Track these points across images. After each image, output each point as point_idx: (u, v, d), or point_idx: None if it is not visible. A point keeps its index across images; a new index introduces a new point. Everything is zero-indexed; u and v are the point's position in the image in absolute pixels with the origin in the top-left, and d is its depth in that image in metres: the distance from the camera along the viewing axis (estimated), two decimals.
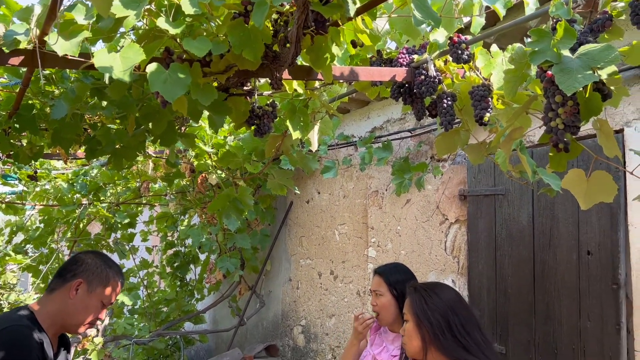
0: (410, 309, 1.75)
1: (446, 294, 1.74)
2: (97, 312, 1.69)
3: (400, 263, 2.47)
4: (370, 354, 2.41)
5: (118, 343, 4.54)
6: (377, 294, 2.30)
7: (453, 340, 1.65)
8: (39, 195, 4.31)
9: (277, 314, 5.00)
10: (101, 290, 1.69)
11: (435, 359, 1.71)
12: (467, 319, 1.69)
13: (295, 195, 4.85)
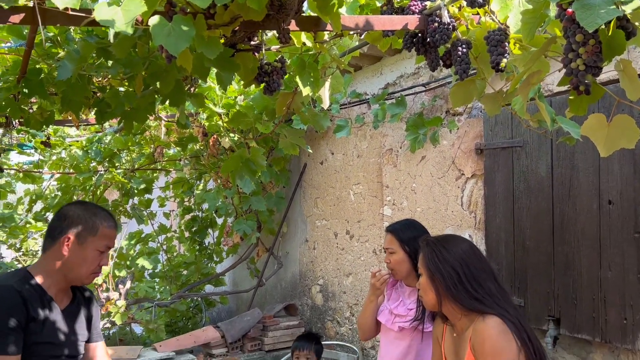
0: (423, 263, 1.75)
1: (459, 246, 1.72)
2: (95, 261, 1.67)
3: (412, 219, 2.45)
4: (387, 308, 2.43)
5: (141, 306, 4.64)
6: (390, 252, 2.30)
7: (465, 292, 1.64)
8: (55, 164, 4.35)
9: (295, 274, 5.05)
10: (92, 240, 1.65)
11: (450, 310, 1.71)
12: (480, 270, 1.68)
13: (309, 157, 4.82)
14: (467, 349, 1.65)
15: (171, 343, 4.18)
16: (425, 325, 2.25)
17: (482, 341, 1.58)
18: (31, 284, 1.61)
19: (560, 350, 2.51)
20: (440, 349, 1.85)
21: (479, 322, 1.61)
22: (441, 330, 1.86)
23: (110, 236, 1.72)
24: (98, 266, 1.69)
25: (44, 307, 1.61)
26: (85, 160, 4.21)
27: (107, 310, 4.17)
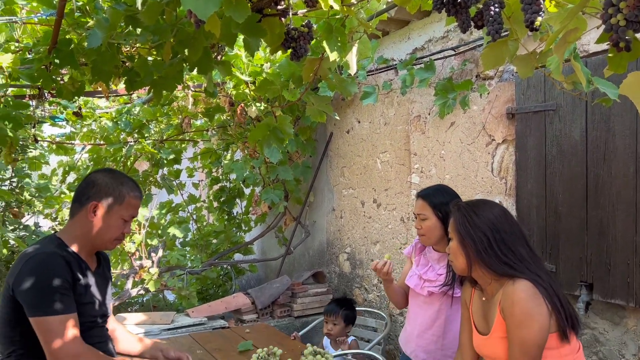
0: (454, 228, 1.74)
1: (490, 210, 1.70)
2: (119, 228, 1.74)
3: (443, 184, 2.42)
4: (416, 274, 2.43)
5: (173, 273, 4.76)
6: (421, 218, 2.28)
7: (496, 256, 1.63)
8: (86, 136, 4.43)
9: (322, 242, 5.10)
10: (118, 208, 1.72)
11: (480, 275, 1.71)
12: (511, 235, 1.66)
13: (335, 126, 4.80)
14: (497, 313, 1.65)
15: (203, 309, 4.29)
16: (454, 291, 2.25)
17: (511, 305, 1.57)
18: (67, 250, 1.69)
19: (593, 315, 2.48)
20: (468, 312, 1.86)
21: (509, 286, 1.60)
22: (469, 294, 1.86)
23: (136, 206, 1.78)
24: (122, 234, 1.76)
25: (81, 271, 1.69)
26: (115, 131, 4.28)
27: (140, 277, 4.29)
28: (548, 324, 1.57)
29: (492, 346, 1.70)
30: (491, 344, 1.70)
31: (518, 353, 1.57)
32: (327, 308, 3.28)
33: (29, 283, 1.54)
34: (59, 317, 1.54)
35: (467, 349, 1.87)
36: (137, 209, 1.80)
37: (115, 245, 1.79)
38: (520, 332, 1.56)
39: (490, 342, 1.70)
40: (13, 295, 1.56)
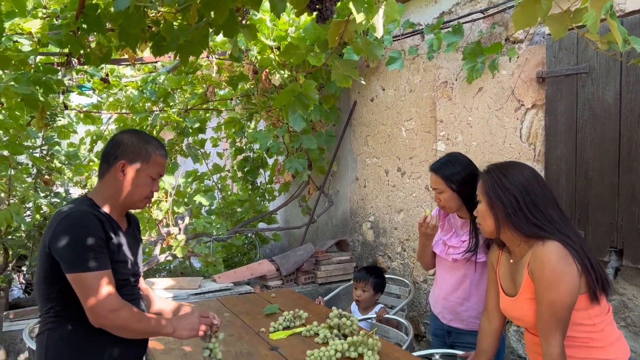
0: (483, 190, 1.72)
1: (519, 172, 1.67)
2: (148, 186, 1.75)
3: (455, 153, 2.40)
4: (441, 240, 2.45)
5: (199, 240, 4.85)
6: (438, 191, 2.30)
7: (525, 218, 1.61)
8: (113, 105, 4.48)
9: (346, 211, 5.11)
10: (145, 167, 1.73)
11: (508, 237, 1.70)
12: (542, 197, 1.64)
13: (359, 94, 4.75)
14: (525, 275, 1.64)
15: (229, 275, 4.38)
16: (478, 256, 2.26)
17: (541, 266, 1.56)
18: (99, 210, 1.71)
19: (622, 281, 2.46)
20: (495, 275, 1.85)
21: (538, 247, 1.59)
22: (497, 256, 1.85)
23: (162, 164, 1.79)
24: (150, 192, 1.77)
25: (113, 230, 1.71)
26: (140, 100, 4.32)
27: (168, 244, 4.38)
28: (578, 285, 1.56)
29: (519, 308, 1.70)
30: (519, 305, 1.69)
31: (547, 314, 1.57)
32: (357, 274, 3.31)
33: (64, 241, 1.57)
34: (94, 273, 1.57)
35: (493, 311, 1.87)
36: (163, 167, 1.80)
37: (145, 204, 1.80)
38: (549, 293, 1.55)
39: (517, 303, 1.70)
40: (49, 252, 1.60)
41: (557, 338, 1.56)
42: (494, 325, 1.88)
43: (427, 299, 3.96)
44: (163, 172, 1.81)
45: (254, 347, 2.40)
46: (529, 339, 1.78)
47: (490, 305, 1.88)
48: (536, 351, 1.71)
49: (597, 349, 1.64)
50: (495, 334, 1.88)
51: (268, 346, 2.42)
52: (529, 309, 1.66)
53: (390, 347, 2.38)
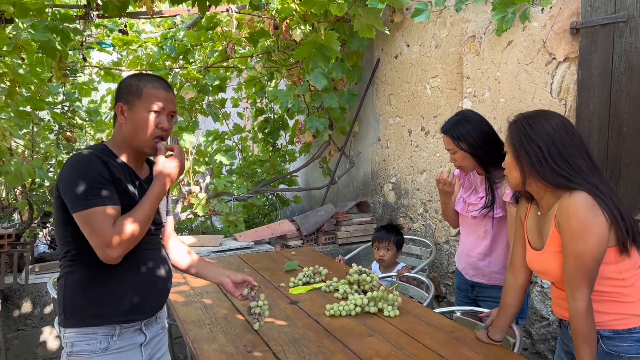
0: (509, 142, 1.66)
1: (547, 122, 1.59)
2: (149, 123, 1.64)
3: (465, 111, 2.35)
4: (461, 198, 2.46)
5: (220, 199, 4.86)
6: (451, 152, 2.29)
7: (550, 169, 1.55)
8: (133, 62, 4.44)
9: (367, 173, 5.05)
10: (139, 103, 1.64)
11: (534, 188, 1.64)
12: (570, 146, 1.56)
13: (383, 52, 4.62)
14: (552, 227, 1.58)
15: (250, 234, 4.39)
16: (495, 212, 2.25)
17: (567, 217, 1.50)
18: (112, 157, 1.67)
19: None
20: (522, 229, 1.79)
21: (565, 198, 1.53)
22: (525, 210, 1.79)
23: (157, 96, 1.66)
24: (157, 128, 1.67)
25: (126, 176, 1.66)
26: (160, 57, 4.27)
27: (189, 202, 4.40)
28: (606, 236, 1.49)
29: (545, 261, 1.64)
30: (545, 258, 1.64)
31: (573, 267, 1.51)
32: (377, 235, 3.27)
33: (67, 181, 1.55)
34: (95, 209, 1.52)
35: (519, 266, 1.82)
36: (160, 98, 1.67)
37: (156, 144, 1.69)
38: (576, 245, 1.49)
39: (543, 256, 1.64)
40: (59, 195, 1.60)
41: (584, 292, 1.51)
42: (519, 281, 1.83)
43: (449, 260, 3.93)
44: (163, 105, 1.67)
45: (274, 301, 2.40)
46: (555, 293, 1.73)
47: (516, 260, 1.83)
48: (562, 306, 1.66)
49: (627, 304, 1.58)
50: (520, 289, 1.83)
51: (288, 300, 2.42)
52: (555, 263, 1.60)
53: (411, 304, 2.36)
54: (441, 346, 1.85)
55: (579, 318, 1.50)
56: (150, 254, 1.76)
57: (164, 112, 1.68)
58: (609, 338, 1.58)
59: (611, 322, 1.58)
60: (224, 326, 2.08)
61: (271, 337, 1.95)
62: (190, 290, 2.62)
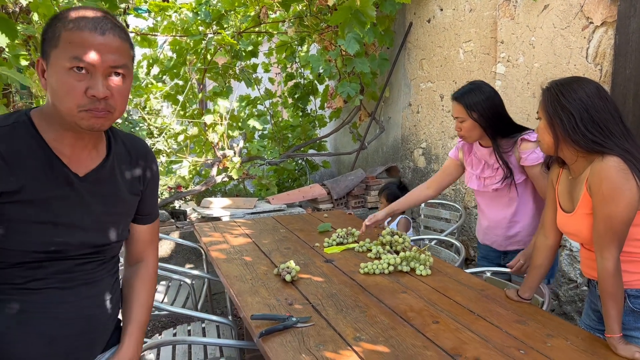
0: (543, 108, 1.70)
1: (580, 88, 1.62)
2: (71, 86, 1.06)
3: (478, 81, 2.36)
4: (474, 175, 2.45)
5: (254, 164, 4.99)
6: (459, 120, 2.31)
7: (583, 135, 1.59)
8: (168, 28, 4.52)
9: (397, 138, 5.09)
10: (55, 53, 1.06)
11: (566, 154, 1.68)
12: (603, 112, 1.59)
13: (415, 15, 4.59)
14: (583, 190, 1.63)
15: (282, 197, 4.52)
16: (516, 178, 2.27)
17: (599, 181, 1.55)
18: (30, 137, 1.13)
19: None
20: (554, 193, 1.85)
21: (597, 162, 1.58)
22: (557, 174, 1.84)
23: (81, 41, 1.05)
24: (84, 96, 1.07)
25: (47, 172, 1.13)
26: (195, 22, 4.34)
27: (224, 166, 4.54)
28: (637, 200, 1.54)
29: (575, 223, 1.70)
30: (575, 220, 1.70)
31: (603, 228, 1.57)
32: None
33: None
34: None
35: (550, 228, 1.89)
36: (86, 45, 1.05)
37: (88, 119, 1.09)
38: (606, 208, 1.55)
39: (574, 219, 1.70)
40: None
41: (613, 252, 1.57)
42: (550, 242, 1.90)
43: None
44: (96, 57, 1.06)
45: (310, 259, 2.52)
46: (584, 254, 1.80)
47: (548, 222, 1.89)
48: (591, 266, 1.73)
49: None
50: (550, 250, 1.90)
51: (323, 259, 2.54)
52: (585, 225, 1.66)
53: (442, 264, 2.46)
54: (472, 303, 1.95)
55: (607, 277, 1.57)
56: (59, 295, 1.19)
57: (96, 68, 1.07)
58: (636, 297, 1.65)
59: (635, 280, 1.65)
60: (264, 281, 2.21)
61: (309, 292, 2.08)
62: (230, 248, 2.76)
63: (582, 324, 1.92)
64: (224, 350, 2.32)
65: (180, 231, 3.94)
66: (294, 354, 1.56)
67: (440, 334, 1.68)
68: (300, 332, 1.70)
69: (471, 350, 1.57)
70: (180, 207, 4.29)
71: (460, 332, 1.70)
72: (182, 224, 4.06)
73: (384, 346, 1.61)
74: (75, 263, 1.20)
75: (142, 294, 1.41)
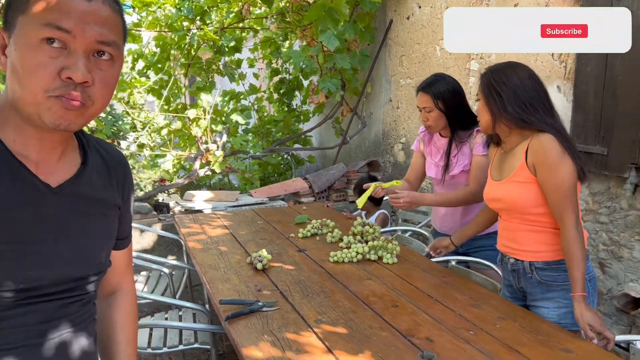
0: (480, 89, 1.87)
1: (514, 72, 1.80)
2: (45, 59, 0.78)
3: (441, 73, 2.47)
4: (433, 163, 2.56)
5: (239, 158, 5.06)
6: (427, 110, 2.40)
7: (515, 112, 1.76)
8: (152, 23, 4.58)
9: (378, 133, 5.19)
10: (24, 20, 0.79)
11: (502, 129, 1.85)
12: (532, 91, 1.77)
13: (395, 12, 4.68)
14: (521, 161, 1.79)
15: (264, 190, 4.61)
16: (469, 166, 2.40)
17: (543, 153, 1.71)
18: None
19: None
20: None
21: (535, 138, 1.74)
22: (493, 153, 2.02)
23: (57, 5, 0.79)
24: (57, 78, 0.79)
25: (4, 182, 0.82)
26: (178, 18, 4.40)
27: (207, 160, 4.62)
28: (575, 168, 1.71)
29: (502, 189, 1.86)
30: (503, 187, 1.86)
31: (557, 197, 1.71)
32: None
33: None
34: None
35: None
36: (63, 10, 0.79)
37: (56, 111, 0.80)
38: (555, 177, 1.70)
39: (502, 185, 1.86)
40: None
41: (571, 216, 1.70)
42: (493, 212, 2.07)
43: None
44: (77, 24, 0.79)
45: (284, 249, 2.61)
46: (502, 225, 1.95)
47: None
48: (508, 237, 1.90)
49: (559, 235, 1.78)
50: (494, 214, 2.08)
51: (296, 248, 2.63)
52: (512, 191, 1.81)
53: (409, 252, 2.56)
54: (432, 288, 2.05)
55: (570, 240, 1.70)
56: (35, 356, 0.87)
57: (76, 42, 0.80)
58: (542, 269, 1.82)
59: (544, 253, 1.81)
60: (237, 269, 2.30)
61: (279, 279, 2.17)
62: (207, 238, 2.85)
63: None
64: (198, 337, 2.41)
65: (163, 223, 4.02)
66: (257, 335, 1.65)
67: (397, 317, 1.78)
68: (265, 315, 1.79)
69: (424, 331, 1.67)
70: (163, 200, 4.36)
71: (417, 315, 1.80)
72: (164, 217, 4.14)
73: (343, 328, 1.70)
74: (54, 306, 0.88)
75: (128, 328, 1.12)
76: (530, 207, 1.79)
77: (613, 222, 2.68)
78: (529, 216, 1.81)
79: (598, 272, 2.79)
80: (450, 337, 1.63)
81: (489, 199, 1.97)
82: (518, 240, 1.87)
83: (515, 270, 1.90)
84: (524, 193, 1.79)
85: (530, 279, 1.85)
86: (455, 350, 1.55)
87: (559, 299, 1.80)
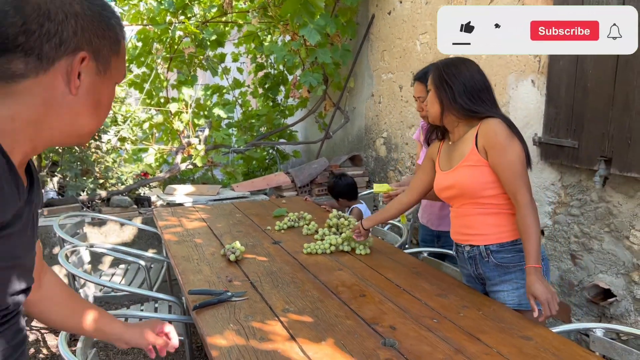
0: (431, 81, 1.93)
1: (464, 66, 1.88)
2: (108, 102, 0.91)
3: (435, 63, 2.47)
4: (424, 152, 2.58)
5: (223, 154, 5.06)
6: (421, 100, 2.40)
7: (464, 102, 1.83)
8: (134, 17, 4.56)
9: (361, 128, 5.21)
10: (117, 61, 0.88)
11: (450, 119, 1.92)
12: (479, 84, 1.85)
13: (377, 7, 4.69)
14: (470, 147, 1.85)
15: (246, 184, 4.62)
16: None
17: (494, 134, 1.79)
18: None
19: (609, 190, 2.55)
20: (431, 163, 2.09)
21: (484, 123, 1.82)
22: (437, 148, 2.08)
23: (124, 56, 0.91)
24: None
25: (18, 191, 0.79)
26: (160, 12, 4.38)
27: (189, 153, 4.61)
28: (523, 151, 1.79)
29: (454, 176, 1.90)
30: (454, 174, 1.90)
31: (510, 175, 1.77)
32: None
33: None
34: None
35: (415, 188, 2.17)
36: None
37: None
38: (507, 155, 1.76)
39: (453, 173, 1.91)
40: None
41: (524, 193, 1.75)
42: (409, 199, 2.18)
43: None
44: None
45: (259, 241, 2.63)
46: (454, 213, 1.99)
47: (414, 184, 2.17)
48: (463, 224, 1.94)
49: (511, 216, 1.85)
50: (405, 205, 2.21)
51: (271, 241, 2.65)
52: (465, 175, 1.86)
53: (382, 244, 2.58)
54: (401, 279, 2.08)
55: (526, 214, 1.74)
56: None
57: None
58: (497, 251, 1.85)
59: (497, 235, 1.85)
60: (210, 261, 2.32)
61: (251, 270, 2.19)
62: (183, 231, 2.86)
63: None
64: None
65: (143, 217, 4.02)
66: (223, 324, 1.67)
67: (364, 306, 1.81)
68: (233, 305, 1.81)
69: (389, 319, 1.70)
70: (144, 194, 4.36)
71: (383, 304, 1.82)
72: (145, 210, 4.13)
73: (309, 316, 1.72)
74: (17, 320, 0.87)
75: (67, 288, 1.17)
76: (481, 189, 1.84)
77: (584, 214, 2.72)
78: (480, 199, 1.86)
79: (569, 264, 2.84)
80: (414, 325, 1.66)
81: (439, 189, 2.00)
82: (471, 226, 1.91)
83: (472, 257, 1.94)
84: (475, 176, 1.84)
85: (487, 264, 1.89)
86: (417, 338, 1.57)
87: (516, 280, 1.84)
